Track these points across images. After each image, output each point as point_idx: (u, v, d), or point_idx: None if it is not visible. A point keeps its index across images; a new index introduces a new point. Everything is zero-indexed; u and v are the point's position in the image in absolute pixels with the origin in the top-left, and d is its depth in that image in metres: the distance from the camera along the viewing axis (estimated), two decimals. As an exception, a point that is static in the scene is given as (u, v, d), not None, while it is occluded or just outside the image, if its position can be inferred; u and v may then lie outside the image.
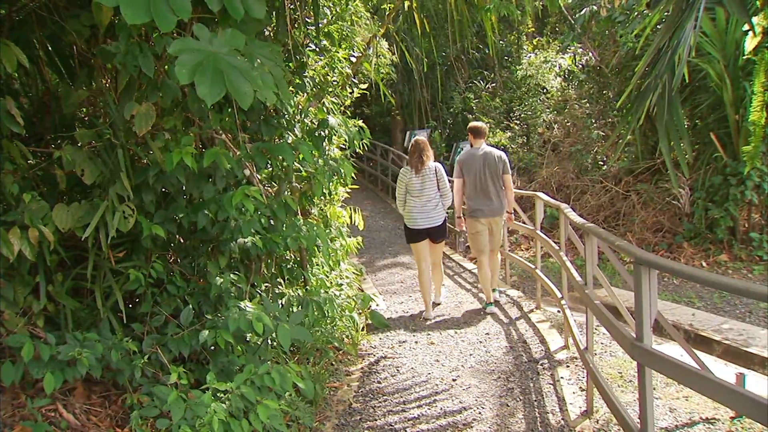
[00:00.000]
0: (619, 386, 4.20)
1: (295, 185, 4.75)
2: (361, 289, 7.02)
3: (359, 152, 5.24)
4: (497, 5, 5.73)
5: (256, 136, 3.99)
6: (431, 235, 6.11)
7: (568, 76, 13.39)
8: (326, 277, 5.42)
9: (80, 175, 3.05)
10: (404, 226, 6.24)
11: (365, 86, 6.20)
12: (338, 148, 5.39)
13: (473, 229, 6.24)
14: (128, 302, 3.50)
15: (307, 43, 4.85)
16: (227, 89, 2.18)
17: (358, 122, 4.93)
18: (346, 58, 5.30)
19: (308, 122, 4.63)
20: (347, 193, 6.17)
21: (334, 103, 5.12)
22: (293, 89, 4.29)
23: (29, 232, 2.83)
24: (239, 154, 3.57)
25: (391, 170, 14.87)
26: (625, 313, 3.46)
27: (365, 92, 6.42)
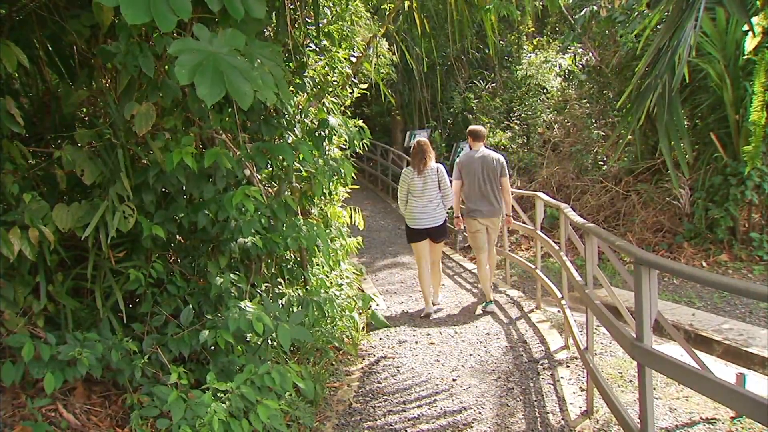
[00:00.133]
0: (619, 386, 4.20)
1: (295, 185, 4.75)
2: (361, 289, 7.03)
3: (359, 152, 5.24)
4: (497, 5, 5.74)
5: (256, 136, 3.99)
6: (432, 234, 6.23)
7: (568, 76, 13.39)
8: (326, 277, 5.41)
9: (80, 175, 3.04)
10: (406, 225, 6.34)
11: (365, 86, 6.20)
12: (338, 148, 5.39)
13: (472, 228, 6.36)
14: (128, 302, 3.50)
15: (307, 43, 4.85)
16: (227, 89, 2.17)
17: (358, 122, 4.93)
18: (346, 58, 5.30)
19: (308, 122, 4.63)
20: (347, 193, 6.18)
21: (334, 103, 5.12)
22: (293, 89, 4.29)
23: (29, 232, 2.83)
24: (239, 154, 3.57)
25: (391, 170, 14.87)
26: (625, 313, 3.47)
27: (365, 92, 6.41)
